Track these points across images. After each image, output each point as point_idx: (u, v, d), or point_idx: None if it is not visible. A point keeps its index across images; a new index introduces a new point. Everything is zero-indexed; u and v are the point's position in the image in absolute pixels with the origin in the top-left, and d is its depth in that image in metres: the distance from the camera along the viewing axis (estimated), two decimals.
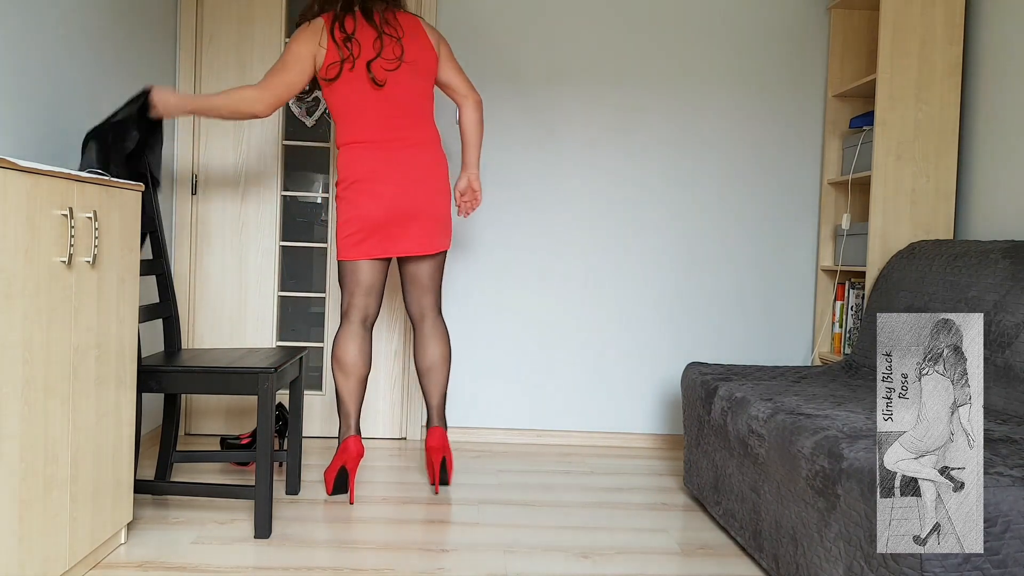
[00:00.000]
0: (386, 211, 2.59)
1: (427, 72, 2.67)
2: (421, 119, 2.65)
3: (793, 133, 3.51)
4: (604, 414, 3.54)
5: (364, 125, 2.60)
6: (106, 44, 2.74)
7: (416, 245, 2.64)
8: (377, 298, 2.70)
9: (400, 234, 2.62)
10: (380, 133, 2.60)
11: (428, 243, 2.65)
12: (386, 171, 2.59)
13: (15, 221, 1.59)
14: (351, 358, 2.66)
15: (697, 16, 3.47)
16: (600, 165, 3.49)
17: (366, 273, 2.65)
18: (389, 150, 2.60)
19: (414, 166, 2.61)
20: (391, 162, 2.59)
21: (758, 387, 2.44)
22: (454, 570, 2.13)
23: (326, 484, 2.70)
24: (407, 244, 2.63)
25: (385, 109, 2.60)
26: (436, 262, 2.74)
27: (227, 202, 3.45)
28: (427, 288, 2.75)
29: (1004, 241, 2.44)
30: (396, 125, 2.61)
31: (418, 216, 2.62)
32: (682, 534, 2.46)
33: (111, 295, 2.01)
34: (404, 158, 2.60)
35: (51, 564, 1.78)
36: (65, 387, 1.80)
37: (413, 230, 2.63)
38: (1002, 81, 2.78)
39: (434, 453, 2.70)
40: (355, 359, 2.66)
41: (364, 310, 2.68)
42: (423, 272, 2.73)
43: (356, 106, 2.60)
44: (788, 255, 3.54)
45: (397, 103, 2.61)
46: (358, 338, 2.67)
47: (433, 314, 2.77)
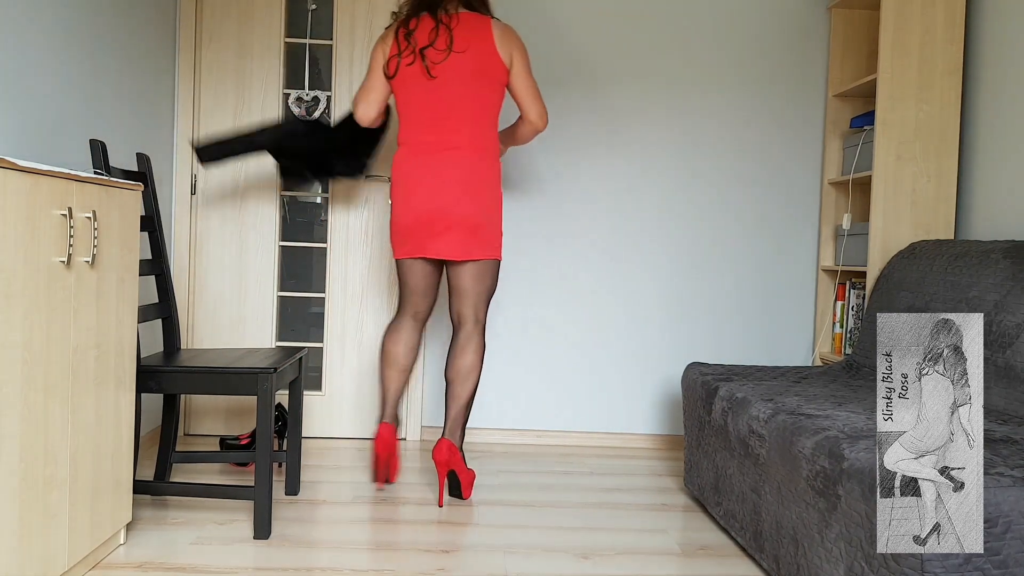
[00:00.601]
0: (416, 215, 2.61)
1: (484, 76, 2.59)
2: (469, 122, 2.60)
3: (793, 133, 3.51)
4: (604, 414, 3.54)
5: (411, 125, 2.63)
6: (106, 44, 2.73)
7: (446, 249, 2.61)
8: (426, 296, 2.76)
9: (430, 237, 2.62)
10: (424, 135, 2.61)
11: (459, 249, 2.61)
12: (420, 174, 2.60)
13: (14, 221, 1.58)
14: (397, 349, 2.77)
15: (697, 16, 3.47)
16: (598, 165, 3.49)
17: (411, 272, 2.72)
18: (428, 153, 2.60)
19: (449, 170, 2.58)
20: (426, 165, 2.60)
21: (759, 387, 2.43)
22: (454, 570, 2.13)
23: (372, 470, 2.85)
24: (438, 247, 2.62)
25: (433, 109, 2.60)
26: (475, 270, 2.66)
27: (227, 202, 3.45)
28: (465, 295, 2.69)
29: (1005, 241, 2.44)
30: (441, 127, 2.60)
31: (448, 221, 2.59)
32: (682, 535, 2.46)
33: (110, 295, 2.01)
34: (439, 161, 2.59)
35: (50, 564, 1.78)
36: (64, 387, 1.80)
37: (444, 234, 2.60)
38: (1003, 80, 2.78)
39: (439, 467, 2.62)
40: (400, 350, 2.77)
41: (415, 306, 2.77)
42: (460, 278, 2.68)
43: (408, 103, 2.63)
44: (789, 255, 3.54)
45: (445, 102, 2.59)
46: (406, 331, 2.78)
47: (470, 324, 2.71)
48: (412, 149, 2.63)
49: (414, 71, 2.60)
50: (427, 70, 2.58)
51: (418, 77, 2.60)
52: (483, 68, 2.58)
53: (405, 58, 2.60)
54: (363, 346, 3.48)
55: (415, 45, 2.60)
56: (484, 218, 2.61)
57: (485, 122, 2.62)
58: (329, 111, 3.46)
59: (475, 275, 2.67)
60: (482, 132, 2.61)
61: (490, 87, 2.61)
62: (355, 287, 3.48)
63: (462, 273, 2.67)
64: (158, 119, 3.24)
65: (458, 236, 2.60)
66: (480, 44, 2.58)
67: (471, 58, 2.58)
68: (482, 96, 2.60)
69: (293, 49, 3.49)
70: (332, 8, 3.45)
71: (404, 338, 2.76)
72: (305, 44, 3.48)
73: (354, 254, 3.47)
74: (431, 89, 2.59)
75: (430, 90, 2.59)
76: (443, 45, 2.58)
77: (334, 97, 3.45)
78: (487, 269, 2.68)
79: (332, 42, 3.45)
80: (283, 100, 3.45)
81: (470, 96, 2.59)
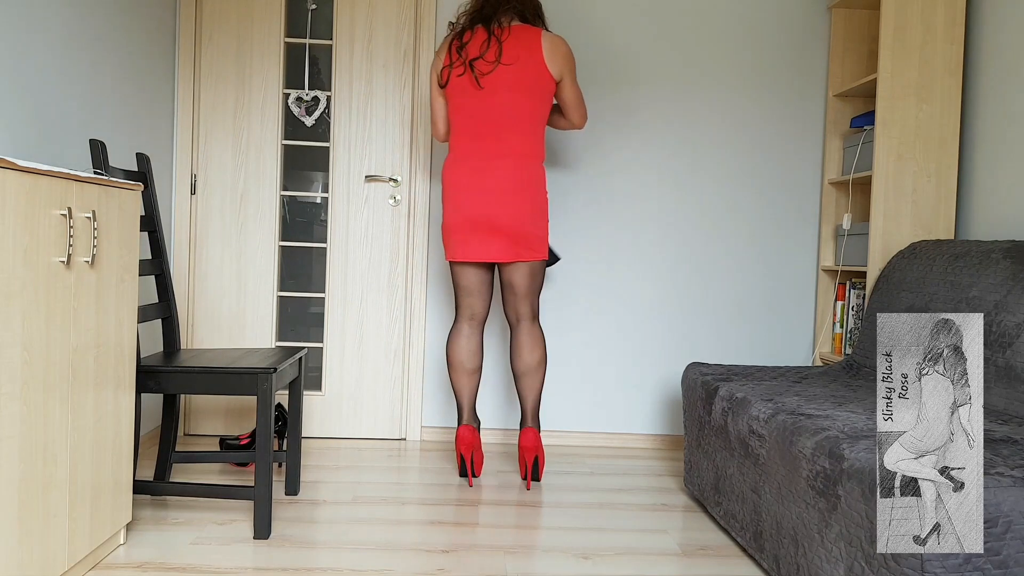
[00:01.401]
0: (465, 219, 2.76)
1: (532, 85, 2.73)
2: (515, 131, 2.74)
3: (794, 133, 3.51)
4: (604, 414, 3.54)
5: (461, 133, 2.79)
6: (105, 44, 2.73)
7: (496, 253, 2.77)
8: (482, 298, 2.91)
9: (481, 241, 2.77)
10: (473, 143, 2.76)
11: (507, 252, 2.77)
12: (469, 181, 2.75)
13: (14, 221, 1.58)
14: (459, 355, 2.91)
15: (697, 16, 3.47)
16: (597, 165, 3.49)
17: (465, 275, 2.88)
18: (477, 159, 2.75)
19: (493, 179, 2.74)
20: (475, 172, 2.75)
21: (759, 387, 2.43)
22: (454, 570, 2.13)
23: (457, 466, 3.03)
24: (487, 251, 2.78)
25: (481, 118, 2.75)
26: (527, 270, 2.84)
27: (226, 202, 3.45)
28: (520, 294, 2.87)
29: (1005, 241, 2.44)
30: (489, 136, 2.75)
31: (495, 226, 2.75)
32: (682, 535, 2.46)
33: (110, 295, 2.00)
34: (485, 169, 2.74)
35: (50, 565, 1.78)
36: (64, 387, 1.80)
37: (493, 238, 2.77)
38: (1003, 80, 2.78)
39: (527, 453, 2.86)
40: (465, 356, 2.91)
41: (471, 309, 2.91)
42: (513, 279, 2.85)
43: (458, 112, 2.78)
44: (789, 255, 3.54)
45: (493, 112, 2.74)
46: (466, 336, 2.92)
47: (528, 321, 2.90)
48: (461, 156, 2.78)
49: (463, 81, 2.75)
50: (476, 80, 2.73)
51: (467, 87, 2.75)
52: (530, 79, 2.72)
53: (456, 68, 2.75)
54: (363, 346, 3.48)
55: (466, 56, 2.74)
56: (531, 223, 2.78)
57: (531, 130, 2.77)
58: (329, 111, 3.46)
59: (525, 274, 2.84)
60: (528, 140, 2.76)
61: (538, 97, 2.75)
62: (355, 287, 3.48)
63: (513, 273, 2.84)
64: (158, 119, 3.24)
65: (507, 240, 2.76)
66: (529, 56, 2.72)
67: (519, 70, 2.71)
68: (529, 106, 2.74)
69: (293, 49, 3.49)
70: (332, 8, 3.45)
71: (466, 344, 2.91)
72: (305, 44, 3.47)
73: (354, 254, 3.47)
74: (480, 99, 2.75)
75: (479, 99, 2.75)
76: (492, 57, 2.72)
77: (334, 97, 3.45)
78: (536, 268, 2.87)
79: (332, 42, 3.45)
80: (283, 100, 3.45)
81: (517, 105, 2.73)
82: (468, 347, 2.91)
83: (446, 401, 3.51)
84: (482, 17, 2.77)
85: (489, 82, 2.72)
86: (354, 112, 3.45)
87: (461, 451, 2.88)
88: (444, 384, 3.50)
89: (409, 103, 3.45)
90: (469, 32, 2.77)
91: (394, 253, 3.47)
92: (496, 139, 2.74)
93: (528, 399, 2.92)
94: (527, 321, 2.90)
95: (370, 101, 3.45)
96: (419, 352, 3.47)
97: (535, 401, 2.93)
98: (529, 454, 2.86)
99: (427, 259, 3.47)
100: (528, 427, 2.89)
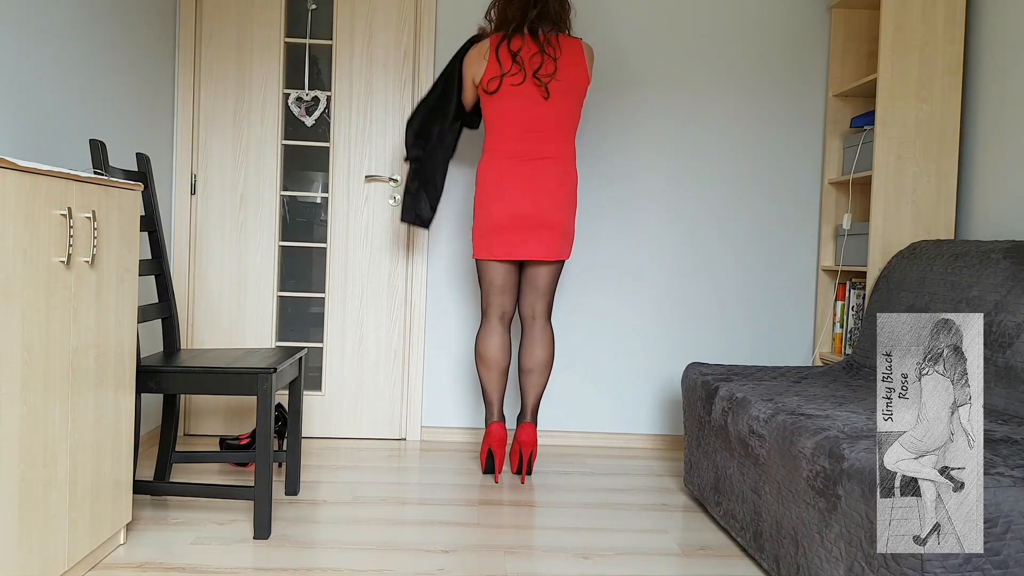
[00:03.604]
0: (508, 217, 2.82)
1: (577, 93, 2.86)
2: (559, 135, 2.84)
3: (794, 133, 3.51)
4: (604, 414, 3.54)
5: (506, 136, 2.84)
6: (105, 43, 2.73)
7: (537, 250, 2.84)
8: (511, 296, 2.97)
9: (522, 239, 2.84)
10: (517, 145, 2.83)
11: (548, 250, 2.85)
12: (512, 181, 2.82)
13: (14, 221, 1.58)
14: (492, 353, 2.96)
15: (697, 16, 3.47)
16: (597, 165, 3.49)
17: (497, 273, 2.92)
18: (521, 160, 2.82)
19: (539, 178, 2.82)
20: (519, 173, 2.82)
21: (759, 387, 2.43)
22: (454, 570, 2.13)
23: (481, 463, 3.04)
24: (528, 249, 2.84)
25: (529, 122, 2.82)
26: (554, 269, 2.94)
27: (226, 202, 3.45)
28: (542, 293, 2.95)
29: (1005, 241, 2.44)
30: (533, 138, 2.83)
31: (538, 224, 2.82)
32: (682, 535, 2.46)
33: (110, 295, 2.00)
34: (531, 169, 2.82)
35: (50, 565, 1.78)
36: (64, 387, 1.80)
37: (534, 237, 2.83)
38: (1003, 80, 2.78)
39: (524, 447, 2.93)
40: (495, 354, 2.96)
41: (500, 307, 2.96)
42: (540, 277, 2.93)
43: (505, 115, 2.83)
44: (789, 255, 3.54)
45: (540, 118, 2.82)
46: (497, 334, 2.97)
47: (543, 319, 2.98)
48: (501, 156, 2.84)
49: (521, 91, 2.81)
50: (545, 91, 2.80)
51: (526, 95, 2.81)
52: (575, 88, 2.86)
53: (512, 77, 2.81)
54: (363, 346, 3.48)
55: (523, 67, 2.80)
56: (570, 223, 2.89)
57: (571, 134, 2.89)
58: (329, 111, 3.46)
59: (553, 273, 2.95)
60: (568, 143, 2.88)
61: (578, 103, 2.89)
62: (355, 287, 3.48)
63: (543, 272, 2.93)
64: (158, 119, 3.24)
65: (549, 238, 2.84)
66: (575, 69, 2.85)
67: (569, 81, 2.84)
68: (572, 111, 2.87)
69: (293, 49, 3.48)
70: (332, 8, 3.45)
71: (496, 342, 2.96)
72: (305, 44, 3.47)
73: (354, 254, 3.47)
74: (540, 106, 2.82)
75: (538, 106, 2.82)
76: (546, 72, 2.81)
77: (334, 97, 3.45)
78: (560, 267, 2.97)
79: (332, 42, 3.45)
80: (283, 100, 3.45)
81: (563, 111, 2.84)
82: (500, 346, 2.96)
83: (446, 401, 3.51)
84: (523, 24, 2.81)
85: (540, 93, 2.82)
86: (354, 112, 3.45)
87: (492, 447, 2.93)
88: (444, 384, 3.50)
89: (409, 103, 3.45)
90: (518, 38, 2.82)
91: (394, 253, 3.47)
92: (544, 141, 2.82)
93: (531, 395, 2.98)
94: (542, 319, 2.97)
95: (370, 101, 3.45)
96: (419, 352, 3.47)
97: (537, 398, 2.99)
98: (526, 448, 2.93)
99: (427, 259, 3.47)
100: (527, 422, 2.96)
